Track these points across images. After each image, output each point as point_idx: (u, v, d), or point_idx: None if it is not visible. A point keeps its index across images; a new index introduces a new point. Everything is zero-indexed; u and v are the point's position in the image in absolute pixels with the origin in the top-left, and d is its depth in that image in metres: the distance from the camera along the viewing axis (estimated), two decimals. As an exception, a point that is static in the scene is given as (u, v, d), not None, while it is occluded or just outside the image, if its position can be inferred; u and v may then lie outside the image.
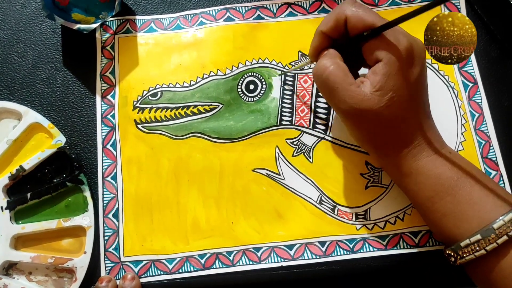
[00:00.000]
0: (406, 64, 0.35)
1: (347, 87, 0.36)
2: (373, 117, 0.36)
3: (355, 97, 0.36)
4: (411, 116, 0.37)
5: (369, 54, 0.37)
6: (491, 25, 0.47)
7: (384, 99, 0.35)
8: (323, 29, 0.38)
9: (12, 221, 0.44)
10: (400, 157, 0.38)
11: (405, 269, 0.43)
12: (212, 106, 0.46)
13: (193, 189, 0.44)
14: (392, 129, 0.37)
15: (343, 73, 0.36)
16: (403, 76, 0.35)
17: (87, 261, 0.42)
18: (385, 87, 0.35)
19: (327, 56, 0.38)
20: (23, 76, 0.48)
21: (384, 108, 0.36)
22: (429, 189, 0.37)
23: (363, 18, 0.36)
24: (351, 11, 0.36)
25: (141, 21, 0.48)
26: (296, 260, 0.43)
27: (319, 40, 0.39)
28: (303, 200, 0.44)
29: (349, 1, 0.38)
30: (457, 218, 0.36)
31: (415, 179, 0.38)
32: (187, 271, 0.43)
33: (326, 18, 0.38)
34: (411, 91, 0.36)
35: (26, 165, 0.44)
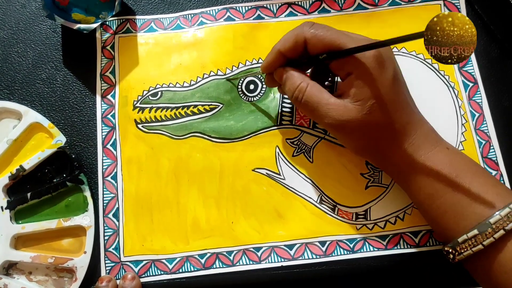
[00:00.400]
0: (377, 70, 0.36)
1: (327, 102, 0.37)
2: (359, 125, 0.37)
3: (337, 109, 0.37)
4: (397, 116, 0.37)
5: (338, 69, 0.38)
6: (491, 25, 0.47)
7: (365, 107, 0.36)
8: (281, 49, 0.39)
9: (12, 221, 0.44)
10: (397, 157, 0.38)
11: (406, 269, 0.42)
12: (212, 106, 0.46)
13: (193, 189, 0.44)
14: (381, 133, 0.37)
15: (319, 91, 0.38)
16: (377, 82, 0.36)
17: (87, 261, 0.42)
18: (363, 97, 0.36)
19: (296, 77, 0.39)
20: (23, 76, 0.48)
21: (367, 115, 0.36)
22: (428, 187, 0.37)
23: (322, 39, 0.37)
24: (311, 33, 0.37)
25: (141, 21, 0.48)
26: (296, 260, 0.43)
27: (275, 57, 0.40)
28: (303, 200, 0.44)
29: (308, 23, 0.38)
30: (457, 215, 0.36)
31: (414, 178, 0.38)
32: (187, 271, 0.43)
33: (285, 38, 0.39)
34: (390, 93, 0.36)
35: (26, 165, 0.44)
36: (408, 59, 0.47)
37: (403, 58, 0.47)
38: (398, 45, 0.47)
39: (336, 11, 0.48)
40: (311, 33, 0.37)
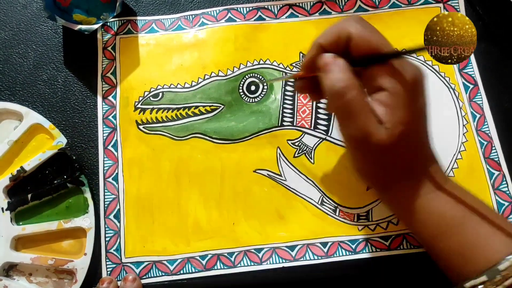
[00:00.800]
0: (412, 95, 0.33)
1: (365, 116, 0.33)
2: (382, 150, 0.33)
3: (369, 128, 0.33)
4: (417, 150, 0.35)
5: (370, 80, 0.34)
6: (491, 25, 0.47)
7: (394, 132, 0.33)
8: (322, 42, 0.35)
9: (13, 222, 0.43)
10: (403, 192, 0.36)
11: (409, 270, 0.42)
12: (214, 107, 0.46)
13: (194, 190, 0.44)
14: (397, 163, 0.35)
15: (364, 100, 0.33)
16: (410, 108, 0.33)
17: (87, 262, 0.42)
18: (394, 120, 0.33)
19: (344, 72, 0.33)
20: (24, 77, 0.47)
21: (394, 141, 0.33)
22: (432, 228, 0.36)
23: (368, 39, 0.33)
24: (356, 29, 0.33)
25: (142, 22, 0.49)
26: (298, 261, 0.42)
27: (317, 53, 0.35)
28: (304, 201, 0.44)
29: (355, 17, 0.34)
30: (463, 258, 0.34)
31: (418, 217, 0.36)
32: (188, 272, 0.42)
33: (327, 31, 0.35)
34: (418, 123, 0.34)
35: (27, 166, 0.44)
36: (409, 60, 0.47)
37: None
38: (398, 46, 0.47)
39: (337, 13, 0.48)
40: (358, 30, 0.33)
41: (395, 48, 0.34)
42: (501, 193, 0.44)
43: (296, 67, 0.47)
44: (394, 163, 0.35)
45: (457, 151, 0.45)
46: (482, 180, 0.44)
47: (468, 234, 0.34)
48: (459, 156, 0.45)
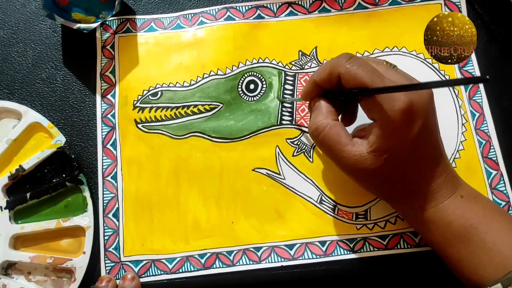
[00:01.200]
0: (402, 123, 0.34)
1: (342, 148, 0.36)
2: (372, 174, 0.36)
3: (351, 158, 0.36)
4: (411, 171, 0.36)
5: (366, 110, 0.37)
6: (491, 25, 0.47)
7: (380, 159, 0.35)
8: (316, 79, 0.38)
9: (12, 221, 0.43)
10: (408, 207, 0.38)
11: (406, 269, 0.42)
12: (212, 105, 0.46)
13: (193, 189, 0.44)
14: (393, 185, 0.37)
15: (337, 135, 0.37)
16: (399, 136, 0.34)
17: (86, 261, 0.42)
18: (380, 149, 0.35)
19: (320, 113, 0.38)
20: (23, 76, 0.47)
21: (381, 167, 0.35)
22: (440, 236, 0.37)
23: (356, 76, 0.35)
24: (345, 68, 0.36)
25: (141, 21, 0.48)
26: (297, 260, 0.43)
27: (311, 88, 0.39)
28: (303, 199, 0.44)
29: (345, 56, 0.37)
30: (472, 265, 0.35)
31: (425, 227, 0.37)
32: (187, 270, 0.42)
33: (320, 69, 0.38)
34: (411, 148, 0.35)
35: (26, 164, 0.44)
36: (408, 59, 0.47)
37: (403, 57, 0.47)
38: (398, 44, 0.47)
39: (337, 11, 0.48)
40: (346, 69, 0.36)
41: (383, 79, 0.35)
42: (498, 193, 0.44)
43: (296, 65, 0.47)
44: (389, 185, 0.37)
45: (455, 150, 0.45)
46: (479, 180, 0.44)
47: (475, 241, 0.35)
48: (458, 156, 0.45)
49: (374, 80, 0.34)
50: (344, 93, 0.37)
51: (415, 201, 0.37)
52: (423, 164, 0.36)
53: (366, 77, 0.35)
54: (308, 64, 0.47)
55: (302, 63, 0.47)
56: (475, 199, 0.37)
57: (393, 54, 0.47)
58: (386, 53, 0.47)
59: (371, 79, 0.34)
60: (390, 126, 0.34)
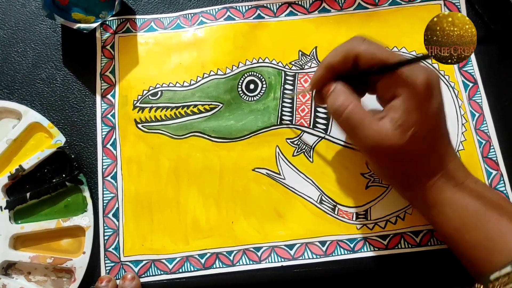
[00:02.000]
0: (425, 97, 0.35)
1: (368, 125, 0.36)
2: (397, 153, 0.35)
3: (378, 135, 0.35)
4: (434, 149, 0.36)
5: (385, 89, 0.36)
6: (491, 25, 0.47)
7: (407, 135, 0.35)
8: (331, 62, 0.38)
9: (11, 221, 0.43)
10: (425, 189, 0.37)
11: (406, 269, 0.42)
12: (212, 105, 0.46)
13: (193, 189, 0.44)
14: (415, 163, 0.37)
15: (363, 111, 0.36)
16: (423, 110, 0.35)
17: (86, 261, 0.42)
18: (406, 123, 0.35)
19: (342, 93, 0.37)
20: (23, 76, 0.47)
21: (407, 143, 0.35)
22: (456, 221, 0.36)
23: (376, 54, 0.35)
24: (364, 47, 0.36)
25: (141, 21, 0.48)
26: (297, 260, 0.42)
27: (324, 72, 0.38)
28: (303, 199, 0.44)
29: (359, 37, 0.37)
30: (487, 250, 0.35)
31: (441, 211, 0.37)
32: (187, 270, 0.42)
33: (335, 52, 0.38)
34: (433, 124, 0.36)
35: (26, 164, 0.44)
36: (408, 59, 0.47)
37: (403, 58, 0.47)
38: (398, 44, 0.47)
39: (336, 11, 0.48)
40: (364, 47, 0.36)
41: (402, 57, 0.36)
42: (499, 193, 0.44)
43: (296, 65, 0.47)
44: (412, 164, 0.37)
45: (455, 151, 0.45)
46: (479, 180, 0.44)
47: (491, 226, 0.35)
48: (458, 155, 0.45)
49: (392, 56, 0.35)
50: (364, 73, 0.37)
51: (437, 180, 0.37)
52: (444, 140, 0.37)
53: (384, 54, 0.35)
54: (308, 64, 0.47)
55: (302, 63, 0.47)
56: (487, 187, 0.38)
57: (393, 54, 0.47)
58: (386, 53, 0.47)
59: (389, 55, 0.35)
60: (415, 98, 0.35)
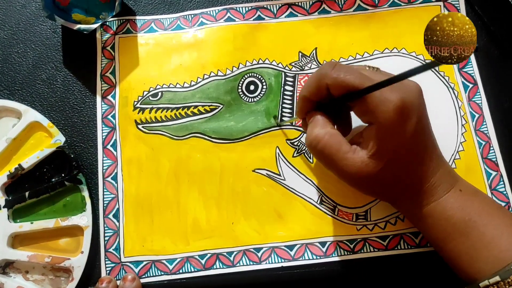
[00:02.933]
0: (398, 121, 0.34)
1: (343, 156, 0.36)
2: (374, 179, 0.36)
3: (353, 166, 0.35)
4: (413, 168, 0.36)
5: (360, 116, 0.37)
6: (491, 25, 0.47)
7: (382, 162, 0.35)
8: (306, 95, 0.38)
9: (10, 220, 0.43)
10: (408, 204, 0.38)
11: (406, 269, 0.42)
12: (213, 106, 0.46)
13: (194, 190, 0.44)
14: (395, 186, 0.37)
15: (337, 143, 0.36)
16: (397, 135, 0.34)
17: (84, 261, 0.42)
18: (381, 151, 0.35)
19: (317, 125, 0.37)
20: (23, 77, 0.47)
21: (382, 171, 0.35)
22: (439, 231, 0.37)
23: (344, 83, 0.35)
24: (332, 78, 0.35)
25: (142, 22, 0.49)
26: (297, 260, 0.42)
27: (304, 104, 0.39)
28: (303, 200, 0.44)
29: (329, 65, 0.36)
30: (472, 259, 0.35)
31: (425, 222, 0.37)
32: (187, 271, 0.42)
33: (308, 84, 0.38)
34: (410, 146, 0.35)
35: (25, 163, 0.44)
36: (408, 60, 0.47)
37: (402, 59, 0.47)
38: (398, 45, 0.47)
39: (336, 12, 0.48)
40: (333, 78, 0.35)
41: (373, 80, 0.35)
42: (498, 194, 0.44)
43: (296, 66, 0.47)
44: (391, 186, 0.37)
45: (455, 151, 0.45)
46: (479, 181, 0.44)
47: (475, 235, 0.35)
48: (457, 156, 0.45)
49: (363, 82, 0.34)
50: (335, 101, 0.37)
51: (417, 198, 0.37)
52: (422, 160, 0.36)
53: (354, 80, 0.34)
54: (308, 65, 0.47)
55: (302, 64, 0.47)
56: (474, 194, 0.38)
57: (392, 55, 0.47)
58: (385, 54, 0.47)
59: (359, 81, 0.34)
60: (387, 126, 0.34)
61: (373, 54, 0.47)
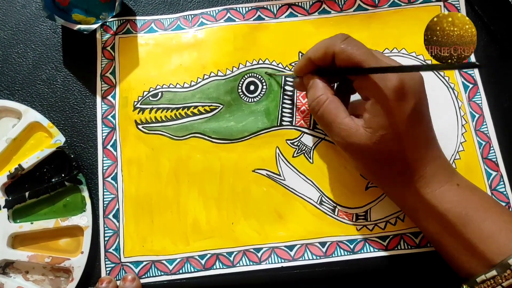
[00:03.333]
0: (395, 101, 0.35)
1: (340, 121, 0.37)
2: (366, 150, 0.36)
3: (347, 130, 0.37)
4: (407, 151, 0.36)
5: (360, 91, 0.38)
6: (491, 25, 0.47)
7: (375, 136, 0.36)
8: (311, 57, 0.39)
9: (10, 220, 0.43)
10: (404, 191, 0.38)
11: (406, 270, 0.42)
12: (213, 106, 0.46)
13: (194, 190, 0.44)
14: (388, 164, 0.37)
15: (336, 109, 0.38)
16: (393, 113, 0.35)
17: (84, 261, 0.42)
18: (375, 125, 0.36)
19: (318, 88, 0.39)
20: (23, 77, 0.47)
21: (375, 143, 0.36)
22: (437, 224, 0.37)
23: (350, 56, 0.36)
24: (340, 48, 0.37)
25: (142, 22, 0.49)
26: (297, 260, 0.42)
27: (305, 64, 0.40)
28: (303, 200, 0.44)
29: (341, 36, 0.38)
30: (469, 253, 0.35)
31: (422, 214, 0.37)
32: (187, 271, 0.42)
33: (316, 47, 0.39)
34: (405, 126, 0.36)
35: (25, 164, 0.44)
36: (408, 60, 0.47)
37: (403, 59, 0.47)
38: (398, 46, 0.47)
39: (336, 12, 0.48)
40: (341, 48, 0.36)
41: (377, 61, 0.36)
42: (498, 194, 0.44)
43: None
44: (382, 164, 0.37)
45: (455, 151, 0.45)
46: (479, 181, 0.44)
47: (472, 230, 0.35)
48: (458, 156, 0.45)
49: (368, 60, 0.36)
50: (338, 72, 0.38)
51: (410, 183, 0.37)
52: (417, 145, 0.37)
53: (360, 56, 0.36)
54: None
55: (302, 64, 0.47)
56: (472, 190, 0.38)
57: (393, 55, 0.47)
58: (385, 54, 0.47)
59: (366, 58, 0.36)
60: (384, 103, 0.35)
61: (373, 54, 0.47)
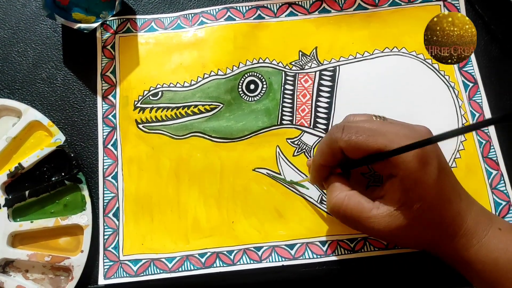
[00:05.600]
0: (421, 170, 0.34)
1: (367, 215, 0.35)
2: (408, 229, 0.35)
3: (382, 222, 0.35)
4: (444, 212, 0.35)
5: (380, 170, 0.37)
6: (491, 25, 0.47)
7: (412, 211, 0.34)
8: (322, 163, 0.38)
9: (10, 219, 0.43)
10: (449, 250, 0.36)
11: (406, 269, 0.42)
12: (213, 105, 0.46)
13: (194, 189, 0.44)
14: (431, 232, 0.36)
15: (358, 203, 0.36)
16: (422, 181, 0.34)
17: (84, 260, 0.42)
18: (409, 201, 0.34)
19: (335, 190, 0.37)
20: (23, 76, 0.47)
21: (415, 218, 0.34)
22: (489, 276, 0.35)
23: (359, 146, 0.35)
24: (344, 142, 0.35)
25: (142, 21, 0.49)
26: (297, 259, 0.42)
27: (318, 171, 0.39)
28: (303, 199, 0.44)
29: (336, 128, 0.36)
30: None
31: (471, 269, 0.36)
32: (187, 269, 0.42)
33: (320, 151, 0.38)
34: (436, 190, 0.34)
35: (25, 163, 0.44)
36: (408, 59, 0.47)
37: (403, 58, 0.47)
38: (398, 45, 0.47)
39: (337, 11, 0.48)
40: (345, 142, 0.35)
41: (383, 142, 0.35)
42: (499, 193, 0.44)
43: (296, 65, 0.47)
44: (425, 234, 0.36)
45: (456, 151, 0.45)
46: (480, 180, 0.44)
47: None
48: (458, 156, 0.45)
49: (377, 141, 0.34)
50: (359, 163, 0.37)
51: (457, 241, 0.36)
52: (452, 201, 0.35)
53: (369, 142, 0.34)
54: (308, 64, 0.47)
55: (302, 63, 0.47)
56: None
57: (392, 54, 0.47)
58: (386, 53, 0.47)
59: (375, 141, 0.34)
60: (411, 176, 0.34)
61: (373, 53, 0.47)
